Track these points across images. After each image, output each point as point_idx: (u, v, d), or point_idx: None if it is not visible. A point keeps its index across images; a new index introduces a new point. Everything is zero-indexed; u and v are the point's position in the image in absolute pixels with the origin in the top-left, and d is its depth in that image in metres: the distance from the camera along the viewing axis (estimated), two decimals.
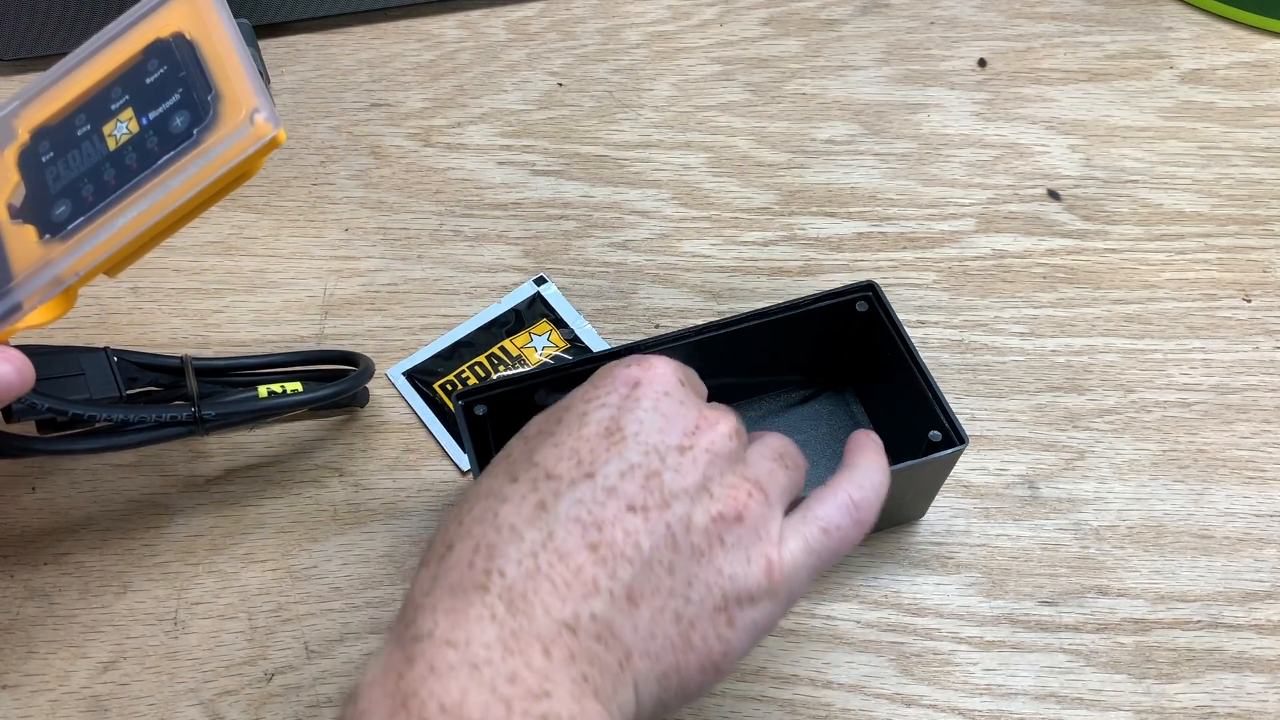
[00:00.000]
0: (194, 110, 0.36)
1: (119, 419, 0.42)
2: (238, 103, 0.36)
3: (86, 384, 0.42)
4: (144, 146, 0.36)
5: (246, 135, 0.35)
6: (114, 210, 0.36)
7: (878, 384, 0.50)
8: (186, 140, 0.36)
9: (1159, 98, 0.64)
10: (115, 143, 0.37)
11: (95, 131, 0.37)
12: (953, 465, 0.46)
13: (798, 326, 0.47)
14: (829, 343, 0.49)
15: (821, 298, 0.47)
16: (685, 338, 0.46)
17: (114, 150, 0.37)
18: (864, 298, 0.47)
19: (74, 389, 0.42)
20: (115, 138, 0.37)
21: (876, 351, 0.47)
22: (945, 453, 0.43)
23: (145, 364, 0.45)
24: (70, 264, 0.36)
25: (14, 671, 0.45)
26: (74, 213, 0.36)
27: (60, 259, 0.36)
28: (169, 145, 0.36)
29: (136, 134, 0.37)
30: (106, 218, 0.36)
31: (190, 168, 0.36)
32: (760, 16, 0.69)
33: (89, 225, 0.36)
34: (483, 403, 0.44)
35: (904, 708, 0.44)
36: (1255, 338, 0.54)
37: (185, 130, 0.36)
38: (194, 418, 0.44)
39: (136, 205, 0.36)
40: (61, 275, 0.36)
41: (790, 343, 0.48)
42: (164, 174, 0.36)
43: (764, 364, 0.49)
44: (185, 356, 0.46)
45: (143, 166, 0.36)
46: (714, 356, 0.47)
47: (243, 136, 0.35)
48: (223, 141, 0.35)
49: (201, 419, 0.44)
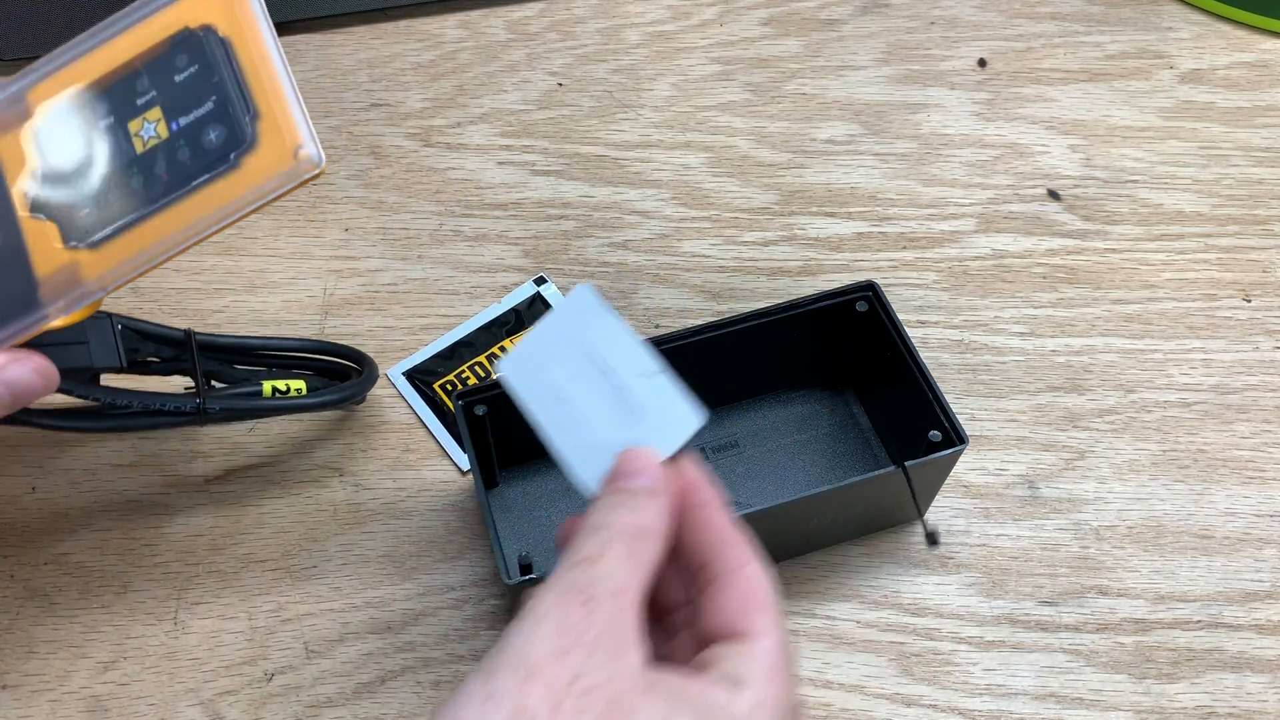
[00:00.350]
0: (230, 128, 0.34)
1: (122, 404, 0.41)
2: (279, 131, 0.34)
3: (89, 352, 0.41)
4: (174, 158, 0.35)
5: (290, 172, 0.34)
6: (146, 226, 0.35)
7: (877, 384, 0.50)
8: (223, 164, 0.34)
9: (1159, 98, 0.64)
10: (143, 145, 0.35)
11: (120, 127, 0.36)
12: (953, 465, 0.46)
13: (798, 326, 0.47)
14: (829, 343, 0.49)
15: (821, 298, 0.47)
16: (685, 337, 0.46)
17: (142, 154, 0.35)
18: (864, 297, 0.47)
19: (76, 356, 0.40)
20: (142, 139, 0.36)
21: (877, 351, 0.47)
22: (945, 453, 0.43)
23: (149, 334, 0.44)
24: (101, 281, 0.35)
25: (14, 671, 0.45)
26: (101, 220, 0.35)
27: (90, 273, 0.35)
28: (203, 162, 0.35)
29: (166, 140, 0.35)
30: (138, 233, 0.35)
31: (227, 194, 0.34)
32: (760, 16, 0.69)
33: (119, 238, 0.35)
34: (483, 403, 0.44)
35: (904, 708, 0.44)
36: (1255, 338, 0.54)
37: (221, 150, 0.34)
38: (198, 409, 0.43)
39: (171, 225, 0.35)
40: (91, 290, 0.35)
41: (790, 343, 0.48)
42: (199, 195, 0.35)
43: (764, 364, 0.49)
44: (189, 330, 0.45)
45: (175, 181, 0.35)
46: (714, 356, 0.47)
47: (286, 173, 0.34)
48: (264, 174, 0.34)
49: (205, 410, 0.44)
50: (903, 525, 0.48)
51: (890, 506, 0.47)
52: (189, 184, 0.35)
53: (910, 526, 0.48)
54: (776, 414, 0.51)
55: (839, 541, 0.48)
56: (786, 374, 0.51)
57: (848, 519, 0.46)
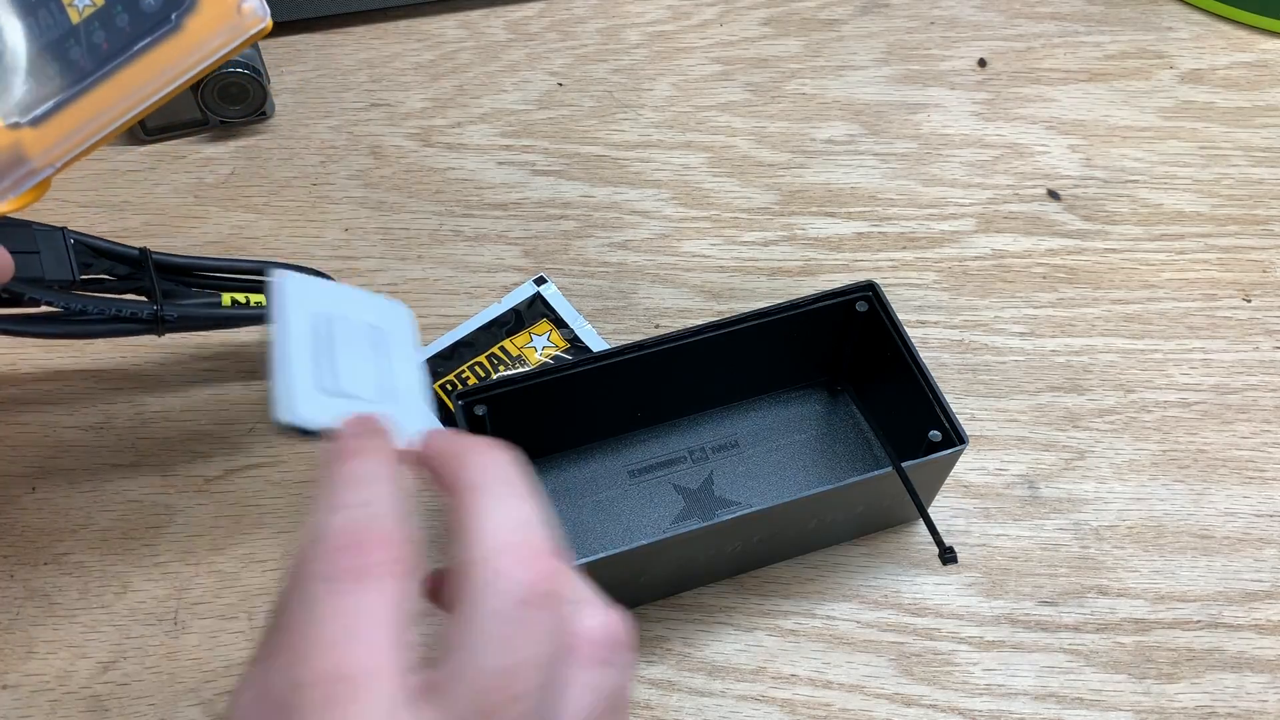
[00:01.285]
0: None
1: (78, 308, 0.40)
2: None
3: (40, 263, 0.40)
4: (113, 24, 0.33)
5: (234, 26, 0.33)
6: (90, 97, 0.33)
7: (877, 384, 0.50)
8: (164, 26, 0.33)
9: (1159, 98, 0.64)
10: (78, 15, 0.34)
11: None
12: (953, 465, 0.46)
13: (798, 326, 0.47)
14: (828, 342, 0.49)
15: (821, 298, 0.47)
16: (685, 337, 0.46)
17: (77, 24, 0.34)
18: (864, 297, 0.47)
19: (26, 267, 0.40)
20: (78, 9, 0.34)
21: (877, 351, 0.47)
22: (945, 453, 0.43)
23: (102, 250, 0.43)
24: (47, 156, 0.34)
25: (14, 671, 0.45)
26: (41, 95, 0.34)
27: (36, 150, 0.34)
28: (143, 26, 0.33)
29: (102, 7, 0.33)
30: (81, 106, 0.34)
31: (171, 58, 0.33)
32: (760, 16, 0.69)
33: (61, 112, 0.34)
34: (483, 403, 0.44)
35: (904, 708, 0.44)
36: (1255, 338, 0.54)
37: (160, 12, 0.33)
38: (155, 316, 0.43)
39: (114, 95, 0.33)
40: (37, 168, 0.34)
41: (790, 342, 0.48)
42: (142, 60, 0.33)
43: (764, 364, 0.49)
44: (145, 248, 0.44)
45: (116, 49, 0.33)
46: (714, 356, 0.47)
47: (229, 27, 0.33)
48: (208, 33, 0.33)
49: (162, 318, 0.43)
50: (903, 525, 0.48)
51: (890, 506, 0.47)
52: (129, 50, 0.33)
53: (910, 526, 0.48)
54: (776, 414, 0.51)
55: (839, 541, 0.48)
56: (786, 373, 0.51)
57: (848, 519, 0.46)
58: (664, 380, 0.47)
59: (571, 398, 0.46)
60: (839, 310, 0.48)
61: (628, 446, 0.50)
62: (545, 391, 0.45)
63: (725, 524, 0.41)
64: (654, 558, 0.42)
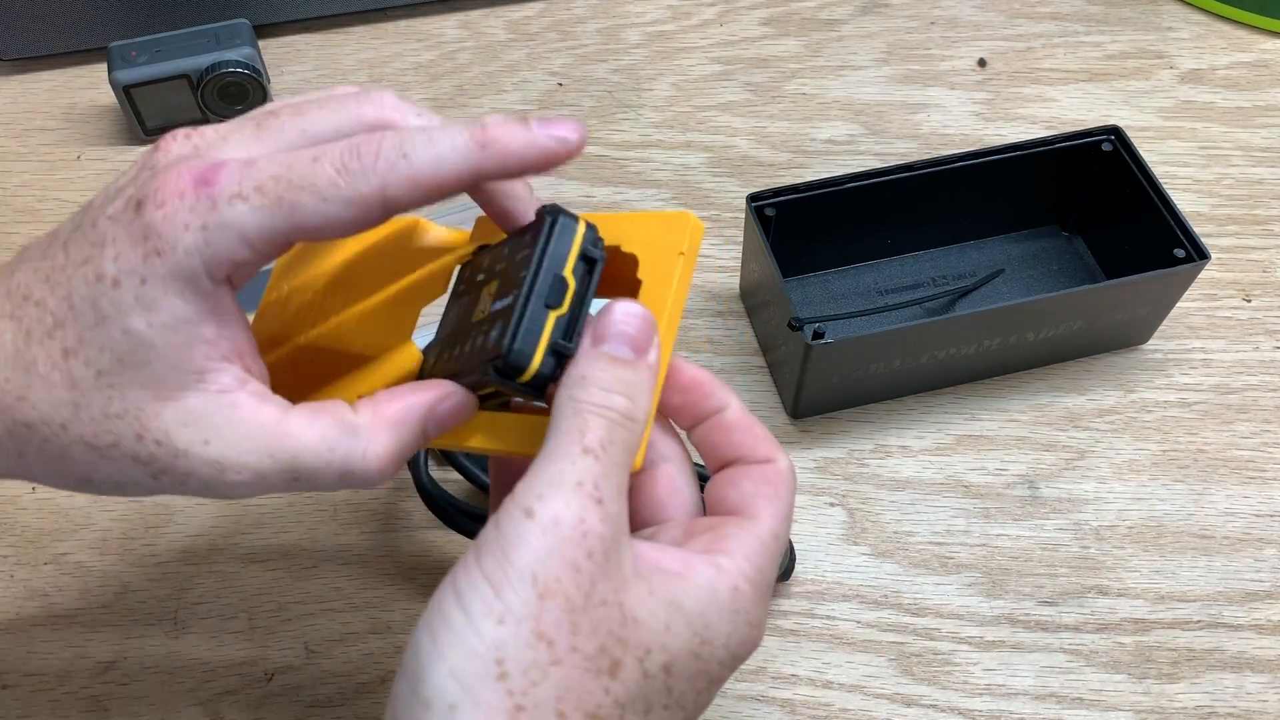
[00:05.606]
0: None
1: None
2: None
3: None
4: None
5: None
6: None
7: (1103, 224, 0.54)
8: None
9: (1159, 98, 0.64)
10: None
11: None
12: (1189, 283, 0.50)
13: (1036, 167, 0.52)
14: (1063, 185, 0.54)
15: (1066, 137, 0.52)
16: (927, 166, 0.51)
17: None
18: (1108, 139, 0.52)
19: None
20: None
21: (1114, 191, 0.52)
22: (1189, 265, 0.48)
23: None
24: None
25: (14, 671, 0.45)
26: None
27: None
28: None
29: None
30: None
31: None
32: (760, 16, 0.69)
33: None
34: (773, 206, 0.50)
35: (904, 708, 0.44)
36: (1255, 338, 0.54)
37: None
38: None
39: None
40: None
41: (1029, 183, 0.53)
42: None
43: (1001, 203, 0.54)
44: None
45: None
46: (969, 185, 0.52)
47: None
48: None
49: None
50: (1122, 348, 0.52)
51: (1123, 320, 0.51)
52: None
53: (910, 526, 0.48)
54: (1009, 251, 0.56)
55: (1056, 361, 0.52)
56: (1020, 214, 0.55)
57: (1070, 334, 0.50)
58: (910, 209, 0.53)
59: (841, 216, 0.52)
60: (1079, 152, 0.52)
61: (879, 270, 0.55)
62: (823, 203, 0.51)
63: (974, 315, 0.47)
64: (895, 342, 0.47)
